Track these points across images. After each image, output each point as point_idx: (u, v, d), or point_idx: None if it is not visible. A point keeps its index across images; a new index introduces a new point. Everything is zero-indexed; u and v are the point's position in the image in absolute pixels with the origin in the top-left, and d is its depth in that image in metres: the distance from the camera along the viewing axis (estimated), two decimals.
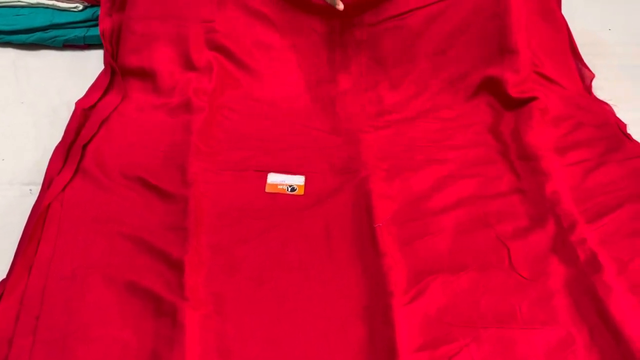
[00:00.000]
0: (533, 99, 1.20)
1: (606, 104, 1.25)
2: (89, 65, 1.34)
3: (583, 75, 1.32)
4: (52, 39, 1.37)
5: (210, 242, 0.98)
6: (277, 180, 1.09)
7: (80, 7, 1.39)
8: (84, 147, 1.10)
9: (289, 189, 1.07)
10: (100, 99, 1.22)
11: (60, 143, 1.11)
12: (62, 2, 1.39)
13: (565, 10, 1.35)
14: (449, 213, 1.03)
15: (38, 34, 1.36)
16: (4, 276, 0.91)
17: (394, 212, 1.03)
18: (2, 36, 1.37)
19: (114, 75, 1.26)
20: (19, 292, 0.89)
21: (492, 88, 1.24)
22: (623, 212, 1.02)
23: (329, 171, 1.11)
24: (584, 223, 0.99)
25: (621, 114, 1.22)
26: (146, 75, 1.25)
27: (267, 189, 1.07)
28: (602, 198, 1.05)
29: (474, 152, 1.15)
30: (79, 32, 1.37)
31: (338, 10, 1.19)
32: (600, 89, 1.31)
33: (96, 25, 1.34)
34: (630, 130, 1.18)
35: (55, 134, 1.14)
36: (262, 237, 0.99)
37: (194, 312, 0.86)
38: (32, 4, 1.39)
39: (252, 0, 1.28)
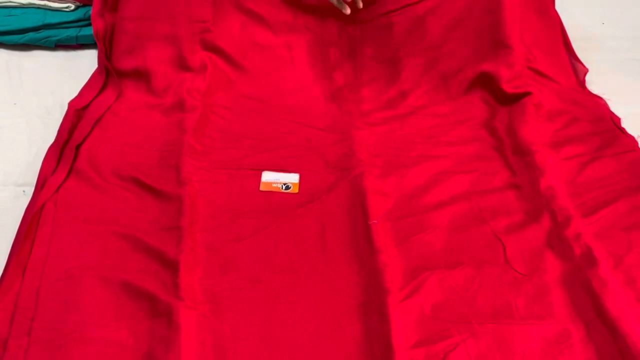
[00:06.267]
0: (527, 94, 1.20)
1: (600, 98, 1.25)
2: (81, 65, 1.33)
3: (577, 69, 1.32)
4: (45, 39, 1.36)
5: (205, 241, 0.97)
6: (271, 178, 1.09)
7: (72, 6, 1.38)
8: (78, 147, 1.10)
9: (284, 187, 1.07)
10: (93, 99, 1.21)
11: (53, 143, 1.11)
12: (54, 2, 1.38)
13: (559, 5, 1.35)
14: (444, 209, 1.03)
15: (30, 35, 1.36)
16: None
17: (389, 209, 1.03)
18: None
19: (109, 75, 1.26)
20: (13, 294, 0.88)
21: (486, 83, 1.24)
22: (618, 206, 1.02)
23: (324, 169, 1.11)
24: (579, 218, 0.99)
25: (615, 108, 1.22)
26: (140, 75, 1.25)
27: (262, 188, 1.07)
28: (597, 192, 1.05)
29: (469, 148, 1.15)
30: (71, 32, 1.36)
31: (334, 9, 1.19)
32: (594, 84, 1.31)
33: (88, 24, 1.34)
34: (625, 124, 1.18)
35: (48, 135, 1.14)
36: (257, 236, 0.99)
37: (189, 311, 0.86)
38: (23, 4, 1.38)
39: (246, 0, 1.28)
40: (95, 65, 1.30)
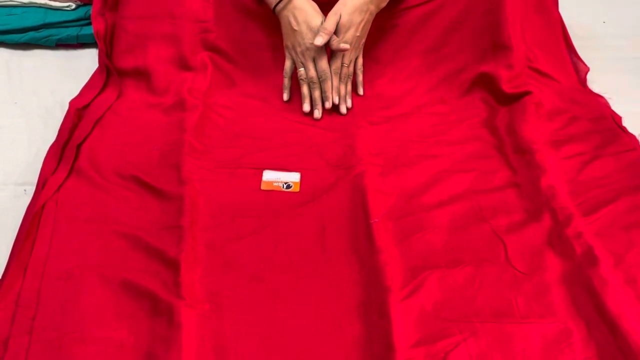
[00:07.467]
0: (527, 93, 1.20)
1: (601, 97, 1.25)
2: (82, 64, 1.33)
3: (578, 68, 1.32)
4: (45, 39, 1.36)
5: (206, 240, 0.97)
6: (272, 177, 1.08)
7: (73, 5, 1.38)
8: (78, 146, 1.10)
9: (285, 186, 1.07)
10: (94, 98, 1.21)
11: (54, 143, 1.11)
12: (55, 1, 1.38)
13: (560, 3, 1.35)
14: (444, 208, 1.03)
15: (31, 34, 1.36)
16: None
17: (389, 208, 1.02)
18: None
19: (109, 74, 1.26)
20: (14, 293, 0.88)
21: (486, 84, 1.24)
22: (619, 205, 1.02)
23: (324, 167, 1.11)
24: (579, 216, 0.99)
25: (616, 106, 1.22)
26: (140, 75, 1.25)
27: (263, 187, 1.07)
28: (598, 191, 1.05)
29: (469, 147, 1.15)
30: (71, 31, 1.36)
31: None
32: (595, 82, 1.31)
33: (89, 23, 1.34)
34: (626, 122, 1.18)
35: (49, 134, 1.14)
36: (258, 235, 0.99)
37: (190, 311, 0.86)
38: (24, 3, 1.39)
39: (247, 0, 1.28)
40: (96, 65, 1.30)
